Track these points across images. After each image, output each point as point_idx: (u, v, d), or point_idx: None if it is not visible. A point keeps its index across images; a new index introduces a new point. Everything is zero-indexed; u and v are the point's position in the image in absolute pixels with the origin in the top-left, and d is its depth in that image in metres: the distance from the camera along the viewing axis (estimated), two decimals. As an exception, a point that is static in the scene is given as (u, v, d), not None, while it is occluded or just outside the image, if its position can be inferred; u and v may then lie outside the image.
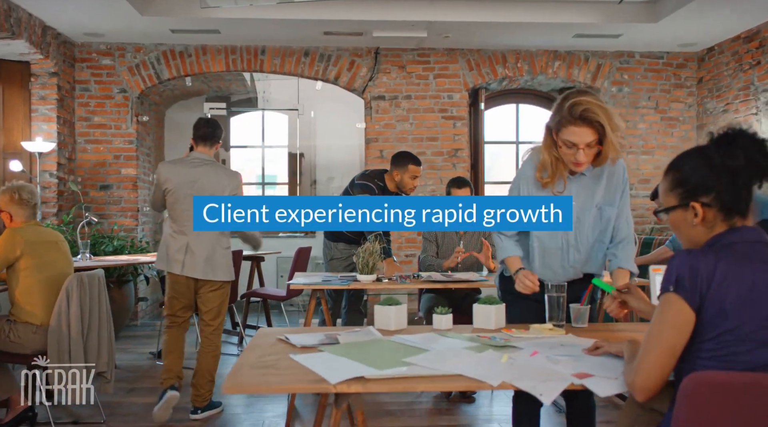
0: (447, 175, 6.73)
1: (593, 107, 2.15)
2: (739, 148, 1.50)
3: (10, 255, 3.18)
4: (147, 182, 6.92)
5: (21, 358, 3.23)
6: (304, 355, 1.79)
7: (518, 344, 1.92)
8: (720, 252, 1.48)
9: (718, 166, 1.51)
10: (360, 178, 4.29)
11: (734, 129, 1.55)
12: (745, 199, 1.52)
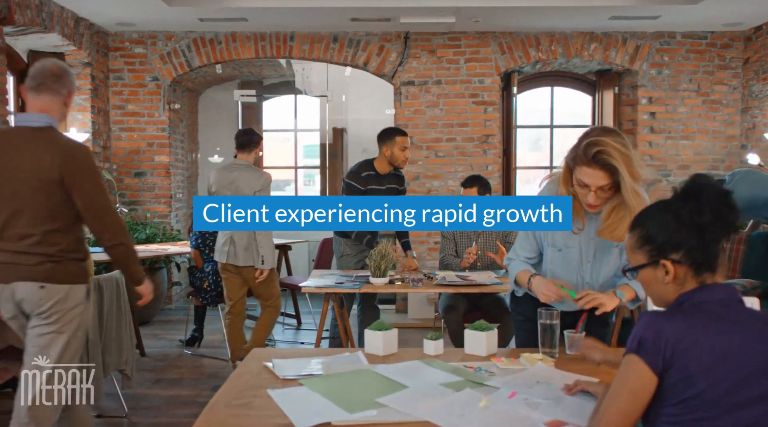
0: (478, 161, 6.66)
1: (609, 150, 2.01)
2: (706, 203, 1.45)
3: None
4: (180, 168, 7.05)
5: (43, 357, 3.35)
6: (281, 391, 1.81)
7: (499, 381, 1.89)
8: (688, 313, 1.43)
9: (686, 223, 1.45)
10: (346, 177, 4.31)
11: (700, 183, 1.48)
12: (715, 255, 1.47)
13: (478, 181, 4.13)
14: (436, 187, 6.71)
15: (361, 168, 4.29)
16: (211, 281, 4.99)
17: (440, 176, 6.71)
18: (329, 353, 2.25)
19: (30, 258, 2.48)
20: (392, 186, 4.35)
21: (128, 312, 3.60)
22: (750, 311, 1.46)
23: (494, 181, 6.68)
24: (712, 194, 1.45)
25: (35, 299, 2.50)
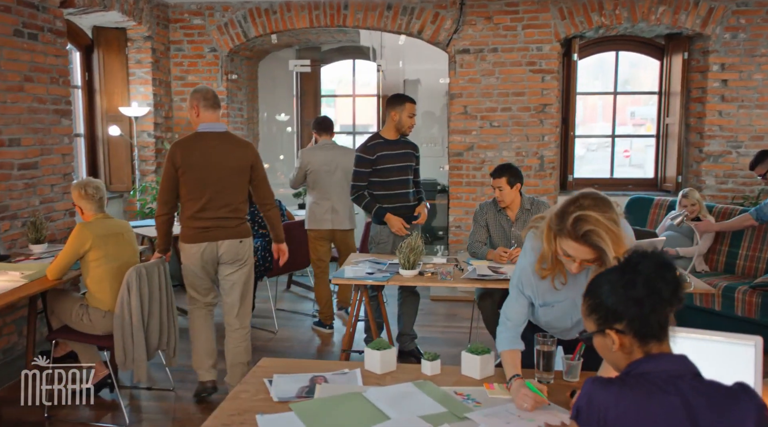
0: (534, 131, 6.51)
1: (600, 231, 1.94)
2: (641, 276, 1.45)
3: (80, 249, 3.52)
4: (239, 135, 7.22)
5: (94, 338, 3.63)
6: (268, 417, 1.91)
7: (481, 414, 1.93)
8: (628, 382, 1.43)
9: (623, 296, 1.46)
10: (359, 149, 4.43)
11: (638, 253, 1.48)
12: (659, 325, 1.47)
13: (507, 170, 4.05)
14: (490, 157, 6.61)
15: (368, 139, 4.42)
16: (260, 257, 5.17)
17: (494, 147, 6.60)
18: (330, 367, 2.33)
19: (230, 222, 3.72)
20: (408, 151, 4.42)
21: (171, 296, 3.81)
22: (703, 383, 1.44)
23: (550, 151, 6.53)
24: (648, 267, 1.45)
25: (234, 251, 3.76)
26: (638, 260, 1.47)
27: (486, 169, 6.65)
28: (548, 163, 6.58)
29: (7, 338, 4.42)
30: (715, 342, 2.05)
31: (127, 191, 6.39)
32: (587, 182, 7.15)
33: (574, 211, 1.99)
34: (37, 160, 4.76)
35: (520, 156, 6.58)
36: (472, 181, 6.70)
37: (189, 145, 3.69)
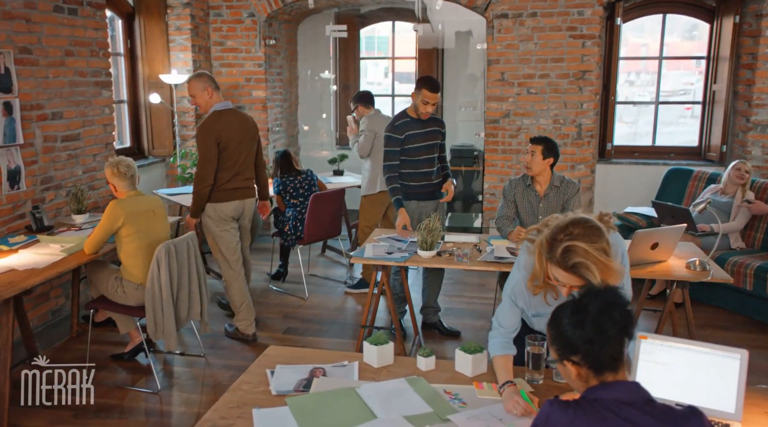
0: (572, 99, 6.39)
1: (588, 263, 1.95)
2: (589, 316, 1.53)
3: (113, 225, 3.71)
4: (278, 101, 7.32)
5: (128, 309, 3.86)
6: (264, 412, 2.05)
7: (463, 416, 2.02)
8: (582, 407, 1.52)
9: (572, 333, 1.55)
10: (386, 129, 4.43)
11: (590, 293, 1.57)
12: (611, 358, 1.55)
13: (546, 142, 4.01)
14: (526, 125, 6.54)
15: (396, 118, 4.43)
16: (291, 226, 5.33)
17: (531, 114, 6.52)
18: (332, 358, 2.45)
19: (250, 183, 4.50)
20: (434, 128, 4.43)
21: (201, 270, 3.99)
22: (655, 408, 1.50)
23: (589, 120, 6.41)
24: (596, 308, 1.54)
25: (251, 207, 4.56)
26: (588, 301, 1.56)
27: (522, 137, 6.59)
28: (586, 131, 6.46)
29: (55, 301, 4.72)
30: (704, 353, 2.09)
31: (168, 156, 6.59)
32: (627, 150, 7.01)
33: (563, 240, 2.00)
34: (80, 132, 4.96)
35: (557, 124, 6.48)
36: (508, 149, 6.65)
37: (223, 123, 4.25)
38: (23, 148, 4.41)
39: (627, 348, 1.61)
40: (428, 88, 4.21)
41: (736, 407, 2.01)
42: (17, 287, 3.25)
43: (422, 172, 4.36)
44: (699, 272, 3.49)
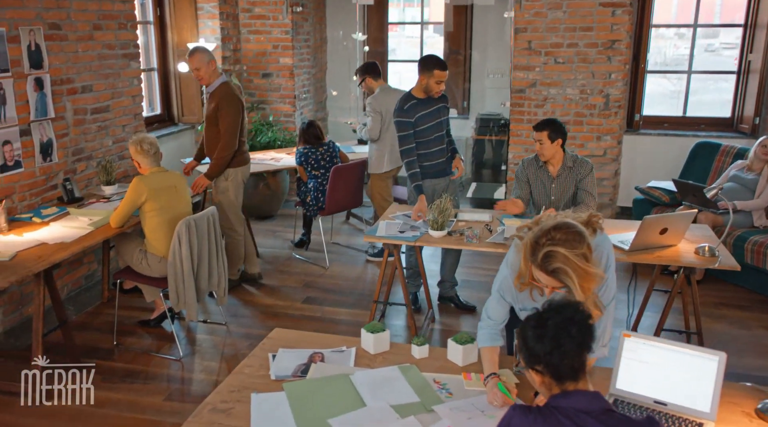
0: (600, 69, 6.29)
1: (567, 269, 2.00)
2: (548, 332, 1.63)
3: (137, 201, 3.88)
4: (305, 68, 7.36)
5: (152, 280, 4.05)
6: (262, 396, 2.20)
7: (447, 407, 2.13)
8: (542, 413, 1.62)
9: (535, 347, 1.65)
10: (393, 117, 4.40)
11: (551, 308, 1.67)
12: (572, 368, 1.64)
13: (549, 125, 4.01)
14: (552, 95, 6.48)
15: (403, 102, 4.36)
16: (313, 197, 5.45)
17: (558, 84, 6.44)
18: (332, 343, 2.58)
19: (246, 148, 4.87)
20: (440, 105, 4.42)
21: (219, 244, 4.15)
22: (612, 418, 1.59)
23: (617, 90, 6.31)
24: (555, 324, 1.63)
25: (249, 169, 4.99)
26: (549, 316, 1.65)
27: (548, 107, 6.54)
28: (614, 102, 6.37)
29: (88, 266, 4.97)
30: (684, 354, 2.15)
31: (198, 123, 6.74)
32: (657, 120, 6.90)
33: (545, 244, 2.05)
34: (109, 104, 5.12)
35: (584, 94, 6.40)
36: (533, 119, 6.59)
37: (237, 93, 4.66)
38: (55, 122, 4.58)
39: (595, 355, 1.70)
40: (440, 68, 4.20)
41: (711, 407, 2.08)
42: (47, 261, 3.45)
43: (434, 151, 4.39)
44: (707, 258, 3.50)
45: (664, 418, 2.10)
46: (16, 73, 4.22)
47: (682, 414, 2.11)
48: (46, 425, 3.32)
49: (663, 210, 5.46)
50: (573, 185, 4.11)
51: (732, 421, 2.10)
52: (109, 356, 4.02)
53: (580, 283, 2.00)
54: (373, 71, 5.48)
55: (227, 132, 4.54)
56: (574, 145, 6.57)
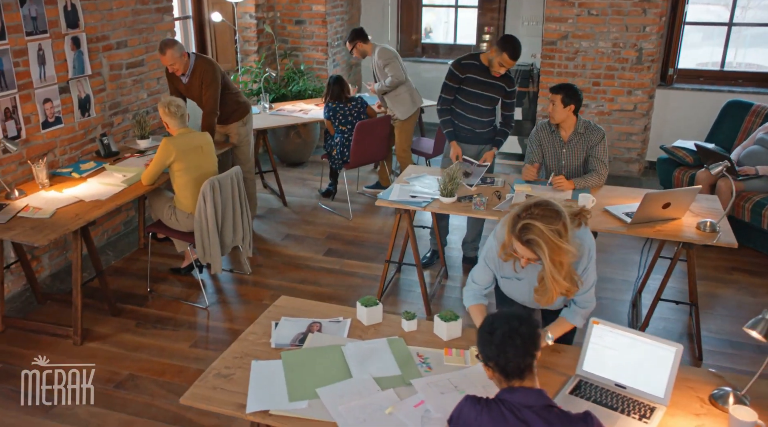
0: (634, 21, 6.20)
1: (540, 241, 2.21)
2: (495, 339, 1.82)
3: (166, 161, 4.13)
4: (338, 15, 7.39)
5: (181, 234, 4.35)
6: (261, 364, 2.47)
7: (424, 381, 2.36)
8: (489, 405, 1.83)
9: (483, 349, 1.87)
10: (452, 64, 4.50)
11: (499, 317, 1.86)
12: (518, 369, 1.83)
13: (564, 89, 4.04)
14: (584, 48, 6.40)
15: (465, 56, 4.47)
16: (339, 151, 5.63)
17: (590, 36, 6.36)
18: (331, 313, 2.83)
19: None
20: (499, 84, 4.41)
21: (245, 202, 4.40)
22: (551, 413, 1.78)
23: (651, 44, 6.21)
24: (501, 333, 1.82)
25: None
26: (496, 326, 1.84)
27: (579, 60, 6.49)
28: (647, 56, 6.27)
29: (126, 213, 5.31)
30: (645, 343, 2.33)
31: (232, 70, 6.91)
32: (693, 74, 6.76)
33: (524, 218, 2.27)
34: (143, 58, 5.33)
35: (616, 47, 6.31)
36: (564, 72, 6.57)
37: (210, 60, 4.98)
38: (92, 78, 4.83)
39: (536, 358, 1.88)
40: (509, 55, 4.22)
41: (665, 393, 2.26)
42: (83, 219, 3.76)
43: (468, 118, 4.46)
44: (708, 233, 3.58)
45: (622, 400, 2.29)
46: (53, 34, 4.44)
47: (639, 398, 2.30)
48: (86, 366, 3.71)
49: (686, 171, 5.46)
50: (584, 152, 4.18)
51: (684, 406, 2.28)
52: (143, 302, 4.38)
53: (550, 255, 2.22)
54: (362, 36, 5.79)
55: (212, 98, 4.83)
56: (604, 99, 6.54)
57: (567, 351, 2.58)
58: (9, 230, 3.61)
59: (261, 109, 6.11)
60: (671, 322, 4.18)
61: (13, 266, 4.24)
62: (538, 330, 1.86)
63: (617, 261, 4.95)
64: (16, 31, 4.17)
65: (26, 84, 4.30)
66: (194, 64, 4.80)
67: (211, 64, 4.85)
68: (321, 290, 4.53)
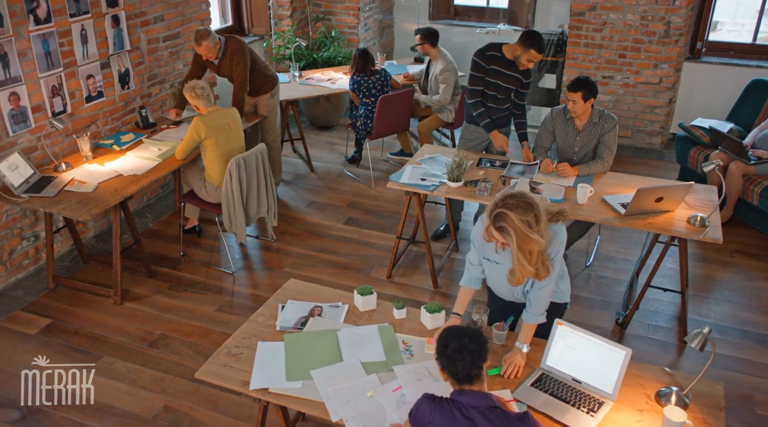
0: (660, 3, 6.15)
1: (509, 228, 2.47)
2: (446, 353, 2.12)
3: (197, 138, 4.47)
4: (371, -21, 7.49)
5: (210, 206, 4.73)
6: (266, 345, 2.84)
7: (404, 368, 2.71)
8: (441, 405, 2.15)
9: (438, 357, 2.17)
10: (476, 53, 4.62)
11: (451, 334, 2.14)
12: (467, 376, 2.12)
13: (584, 85, 4.17)
14: (612, 20, 6.42)
15: (488, 47, 4.61)
16: (363, 122, 5.89)
17: (619, 8, 6.36)
18: (329, 298, 3.18)
19: None
20: (516, 76, 4.57)
21: (269, 176, 4.73)
22: (494, 413, 2.10)
23: (679, 18, 6.19)
24: (452, 348, 2.12)
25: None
26: (449, 341, 2.13)
27: (607, 32, 6.51)
28: (675, 29, 6.27)
29: (163, 177, 5.72)
30: (600, 345, 2.62)
31: (266, 34, 7.15)
32: (723, 47, 6.71)
33: (501, 206, 2.53)
34: (179, 30, 5.62)
35: (644, 20, 6.32)
36: (591, 43, 6.61)
37: (238, 38, 5.20)
38: (130, 53, 5.16)
39: (484, 368, 2.18)
40: (537, 50, 4.37)
41: (614, 390, 2.57)
42: (121, 194, 4.17)
43: (489, 106, 4.67)
44: (696, 228, 3.78)
45: (576, 394, 2.60)
46: (95, 14, 4.76)
47: (591, 392, 2.61)
48: (127, 324, 4.18)
49: (702, 151, 5.56)
50: (596, 138, 4.36)
51: (630, 402, 2.58)
52: (176, 265, 4.83)
53: (518, 243, 2.49)
54: (433, 39, 5.83)
55: (242, 75, 5.10)
56: (629, 71, 6.59)
57: (540, 345, 2.87)
58: (57, 204, 4.04)
59: (291, 77, 6.37)
60: (664, 304, 4.42)
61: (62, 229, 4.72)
62: (486, 346, 2.16)
63: (622, 239, 5.16)
64: (61, 13, 4.50)
65: (71, 62, 4.66)
66: (224, 46, 5.06)
67: (240, 44, 5.11)
68: (338, 260, 4.90)
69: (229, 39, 5.11)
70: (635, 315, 4.25)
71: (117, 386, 3.67)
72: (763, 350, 4.01)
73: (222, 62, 5.09)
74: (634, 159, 6.62)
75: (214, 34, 4.98)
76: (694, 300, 4.46)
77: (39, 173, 4.32)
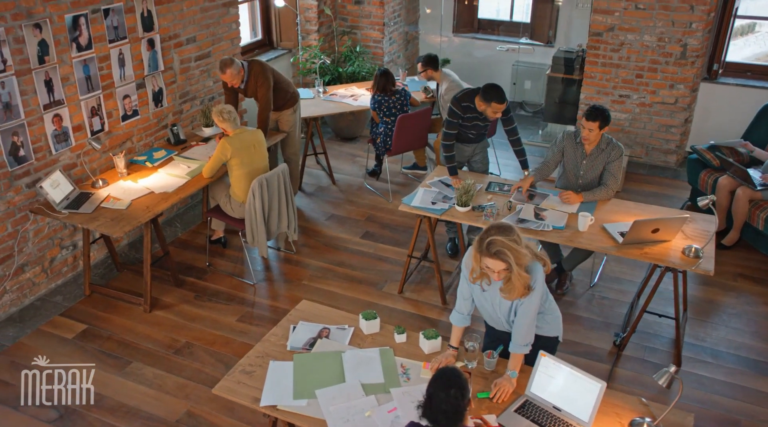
0: (681, 17, 6.31)
1: (505, 250, 2.74)
2: (432, 402, 2.33)
3: (223, 157, 4.79)
4: (396, -6, 7.73)
5: (235, 221, 5.05)
6: (277, 364, 3.14)
7: (401, 391, 2.98)
8: None
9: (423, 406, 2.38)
10: (453, 100, 4.92)
11: (438, 383, 2.35)
12: (447, 419, 2.33)
13: (601, 115, 4.31)
14: (629, 41, 6.56)
15: (463, 97, 4.93)
16: (382, 139, 6.16)
17: (636, 30, 6.50)
18: (337, 320, 3.46)
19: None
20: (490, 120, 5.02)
21: (290, 195, 5.03)
22: None
23: (696, 40, 6.31)
24: (435, 397, 2.34)
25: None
26: (433, 392, 2.35)
27: (624, 52, 6.66)
28: (692, 52, 6.39)
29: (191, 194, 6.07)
30: (578, 377, 2.87)
31: (294, 48, 7.44)
32: (740, 68, 6.81)
33: (487, 237, 2.80)
34: (210, 50, 5.95)
35: (661, 42, 6.45)
36: (608, 63, 6.76)
37: (260, 61, 5.58)
38: (164, 73, 5.50)
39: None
40: (498, 101, 4.69)
41: (589, 419, 2.80)
42: (152, 212, 4.51)
43: (470, 129, 5.06)
44: (690, 259, 3.97)
45: (555, 421, 2.84)
46: (132, 39, 5.10)
47: (569, 420, 2.85)
48: (155, 331, 4.53)
49: (711, 174, 5.69)
50: (602, 165, 4.56)
51: None
52: (202, 275, 5.16)
53: (515, 259, 2.76)
54: (434, 64, 6.05)
55: (265, 96, 5.44)
56: (646, 91, 6.73)
57: (529, 372, 3.10)
58: (94, 220, 4.39)
59: (315, 93, 6.66)
60: (662, 327, 4.60)
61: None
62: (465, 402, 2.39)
63: (628, 260, 5.31)
64: (101, 40, 4.84)
65: (109, 85, 5.01)
66: (247, 67, 5.37)
67: (262, 66, 5.43)
68: (353, 274, 5.18)
69: (252, 62, 5.42)
70: (633, 336, 4.45)
71: (144, 391, 4.01)
72: (754, 376, 4.18)
73: (248, 85, 5.39)
74: (649, 177, 6.76)
75: (237, 62, 5.29)
76: (693, 323, 4.63)
77: (78, 189, 4.68)
